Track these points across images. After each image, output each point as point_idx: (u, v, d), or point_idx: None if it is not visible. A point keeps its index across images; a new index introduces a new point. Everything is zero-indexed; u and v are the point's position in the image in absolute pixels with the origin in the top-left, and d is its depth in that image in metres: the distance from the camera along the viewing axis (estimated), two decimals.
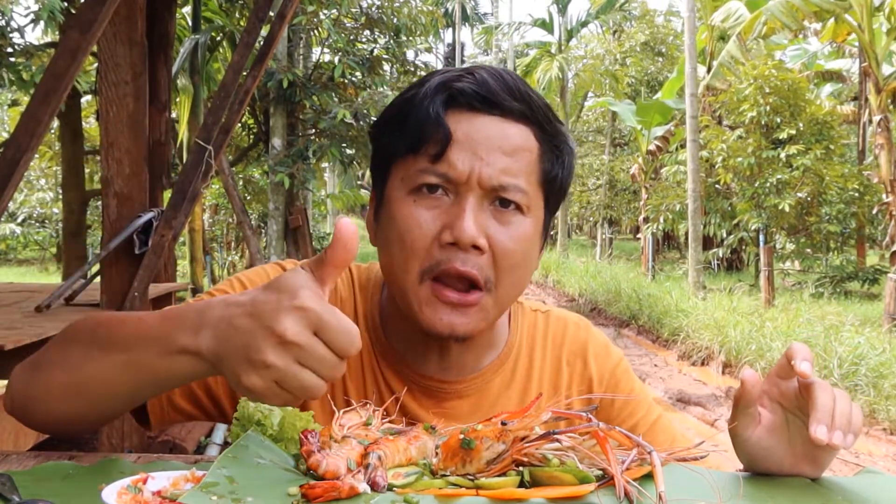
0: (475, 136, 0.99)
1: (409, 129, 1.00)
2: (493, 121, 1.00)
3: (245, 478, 0.75)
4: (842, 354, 7.58)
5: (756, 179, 14.63)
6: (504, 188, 0.98)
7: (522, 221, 1.01)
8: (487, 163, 0.98)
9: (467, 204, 0.97)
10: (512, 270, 1.00)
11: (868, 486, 0.87)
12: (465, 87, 0.99)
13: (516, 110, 1.00)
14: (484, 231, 0.98)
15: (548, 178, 1.04)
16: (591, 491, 0.75)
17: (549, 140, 1.03)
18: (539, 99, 1.03)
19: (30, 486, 0.83)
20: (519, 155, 1.00)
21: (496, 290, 1.00)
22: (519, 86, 1.01)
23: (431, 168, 0.98)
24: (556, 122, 1.05)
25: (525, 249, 1.02)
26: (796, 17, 12.22)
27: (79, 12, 2.92)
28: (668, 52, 26.42)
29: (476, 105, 0.99)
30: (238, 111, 3.89)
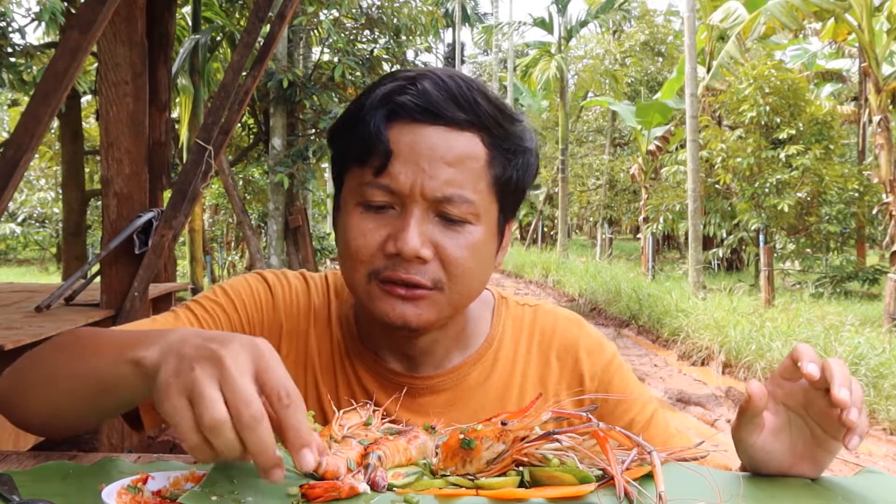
0: (418, 148, 0.99)
1: (354, 141, 1.02)
2: (437, 131, 0.99)
3: (245, 478, 0.75)
4: (842, 354, 7.58)
5: (756, 179, 14.63)
6: (449, 199, 0.99)
7: (472, 230, 1.01)
8: (430, 175, 0.98)
9: (412, 216, 0.98)
10: (463, 275, 1.01)
11: (868, 485, 0.87)
12: (406, 100, 0.99)
13: (460, 119, 1.00)
14: (430, 241, 0.99)
15: (500, 182, 1.04)
16: (590, 491, 0.75)
17: (498, 144, 1.03)
18: (488, 103, 1.02)
19: (30, 486, 0.83)
20: (463, 164, 0.99)
21: (448, 291, 1.01)
22: (464, 92, 1.00)
23: (375, 181, 0.99)
24: (508, 123, 1.04)
25: (476, 255, 1.02)
26: (796, 17, 12.21)
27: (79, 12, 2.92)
28: (668, 52, 26.43)
29: (419, 117, 0.99)
30: (238, 111, 3.89)
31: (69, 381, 0.90)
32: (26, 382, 0.97)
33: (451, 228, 1.00)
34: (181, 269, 12.95)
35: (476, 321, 1.17)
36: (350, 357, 1.14)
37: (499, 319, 1.18)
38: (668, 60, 25.95)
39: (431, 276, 0.99)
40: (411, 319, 1.01)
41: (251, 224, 11.07)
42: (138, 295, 3.78)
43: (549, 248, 28.03)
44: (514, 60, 28.75)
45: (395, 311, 1.00)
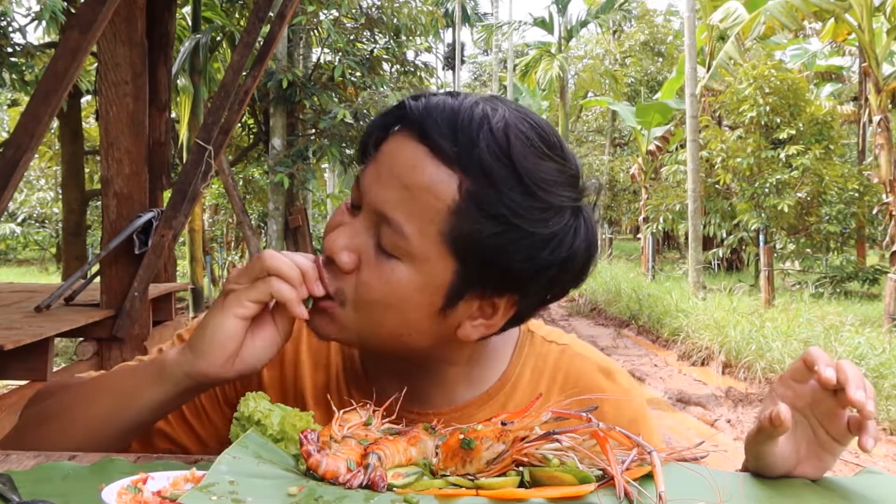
0: (392, 157, 0.91)
1: (363, 141, 0.98)
2: (420, 151, 0.88)
3: (245, 478, 0.75)
4: (842, 354, 7.59)
5: (756, 179, 14.64)
6: (386, 220, 0.89)
7: (396, 266, 0.90)
8: (382, 185, 0.90)
9: (357, 220, 0.92)
10: (369, 305, 0.91)
11: (868, 486, 0.87)
12: (410, 106, 0.92)
13: (445, 149, 0.87)
14: (357, 251, 0.91)
15: (460, 240, 0.87)
16: (591, 491, 0.75)
17: (477, 199, 0.86)
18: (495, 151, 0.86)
19: (30, 486, 0.83)
20: (418, 195, 0.87)
21: (348, 310, 0.93)
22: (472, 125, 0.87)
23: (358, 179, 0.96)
24: (511, 189, 0.86)
25: (389, 293, 0.90)
26: (795, 17, 12.21)
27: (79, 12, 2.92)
28: (668, 53, 26.44)
29: (413, 129, 0.90)
30: (238, 111, 3.89)
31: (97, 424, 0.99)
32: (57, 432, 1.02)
33: (380, 253, 0.90)
34: (181, 269, 12.95)
35: (491, 355, 1.06)
36: (349, 387, 1.07)
37: (519, 357, 1.07)
38: (668, 60, 25.95)
39: (337, 286, 0.92)
40: (318, 329, 0.95)
41: (251, 224, 11.07)
42: (138, 295, 3.78)
43: None
44: (514, 60, 28.75)
45: (312, 318, 0.94)
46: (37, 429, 1.03)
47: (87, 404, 1.01)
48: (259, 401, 0.89)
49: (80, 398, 1.02)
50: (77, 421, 1.00)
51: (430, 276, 0.90)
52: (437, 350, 0.99)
